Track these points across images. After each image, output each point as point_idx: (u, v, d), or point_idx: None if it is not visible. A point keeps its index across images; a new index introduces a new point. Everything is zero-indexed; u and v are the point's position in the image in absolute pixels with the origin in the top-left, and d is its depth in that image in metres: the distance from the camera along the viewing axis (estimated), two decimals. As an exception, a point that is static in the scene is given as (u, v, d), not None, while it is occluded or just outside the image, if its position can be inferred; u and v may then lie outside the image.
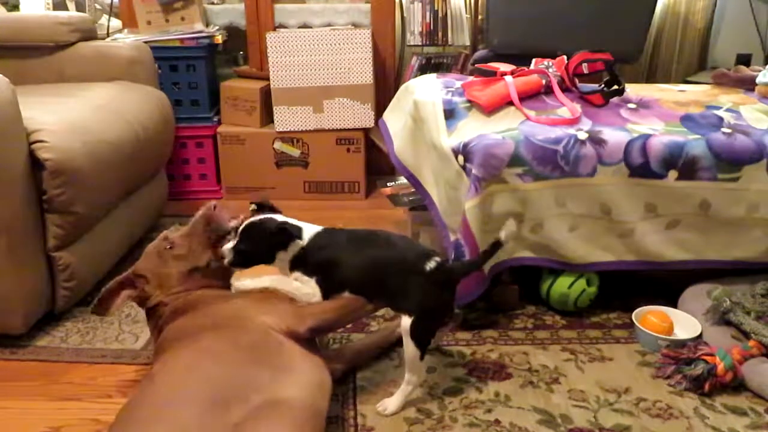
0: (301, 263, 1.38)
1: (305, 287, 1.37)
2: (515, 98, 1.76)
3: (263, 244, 1.37)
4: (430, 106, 1.82)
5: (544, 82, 1.84)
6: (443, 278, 1.33)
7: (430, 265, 1.31)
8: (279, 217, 1.41)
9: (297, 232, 1.38)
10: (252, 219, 1.40)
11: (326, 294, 1.37)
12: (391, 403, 1.36)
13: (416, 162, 1.90)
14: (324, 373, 1.26)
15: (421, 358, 1.33)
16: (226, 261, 1.37)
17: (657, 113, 1.78)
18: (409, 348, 1.31)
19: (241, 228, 1.38)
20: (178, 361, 1.17)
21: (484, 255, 1.42)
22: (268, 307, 1.32)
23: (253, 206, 1.45)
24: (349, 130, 2.63)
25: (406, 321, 1.30)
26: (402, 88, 2.10)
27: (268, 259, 1.39)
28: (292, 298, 1.37)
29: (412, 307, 1.30)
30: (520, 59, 2.06)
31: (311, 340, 1.34)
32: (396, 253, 1.36)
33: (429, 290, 1.31)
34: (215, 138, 2.67)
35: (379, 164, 2.77)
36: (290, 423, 1.08)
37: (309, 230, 1.40)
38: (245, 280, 1.38)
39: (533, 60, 1.97)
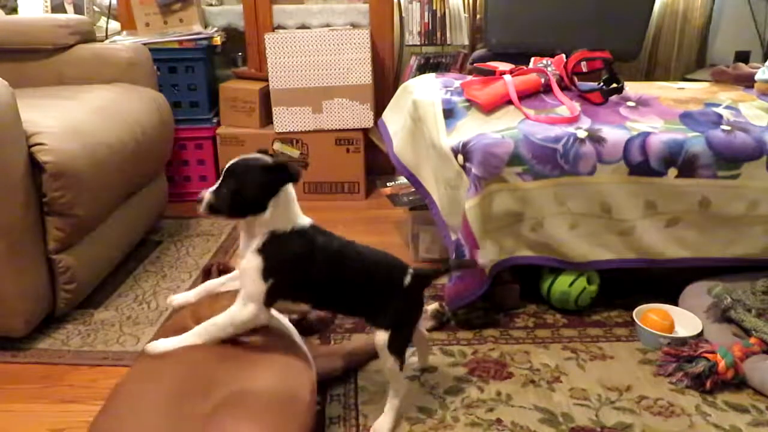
0: (272, 250, 1.18)
1: (238, 311, 1.19)
2: (514, 97, 1.76)
3: (255, 182, 1.16)
4: (430, 105, 1.82)
5: (542, 80, 1.85)
6: (418, 289, 1.30)
7: (407, 280, 1.27)
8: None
9: (297, 176, 1.18)
10: (244, 156, 1.19)
11: (278, 299, 1.22)
12: (383, 425, 1.30)
13: (416, 162, 1.90)
14: (300, 361, 1.25)
15: (401, 368, 1.29)
16: (202, 207, 1.16)
17: (656, 111, 1.78)
18: (389, 362, 1.27)
19: (228, 166, 1.17)
20: (141, 367, 1.18)
21: (450, 265, 1.50)
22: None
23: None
24: (348, 130, 2.63)
25: (382, 336, 1.25)
26: (401, 87, 2.10)
27: (256, 206, 1.16)
28: None
29: (390, 322, 1.26)
30: (519, 58, 2.07)
31: (288, 334, 1.33)
32: (375, 267, 1.28)
33: (406, 304, 1.29)
34: (215, 139, 2.67)
35: (378, 164, 2.77)
36: (256, 410, 1.08)
37: (300, 219, 1.23)
38: (162, 343, 1.20)
39: (532, 59, 1.97)
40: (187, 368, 1.15)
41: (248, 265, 1.19)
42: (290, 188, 1.21)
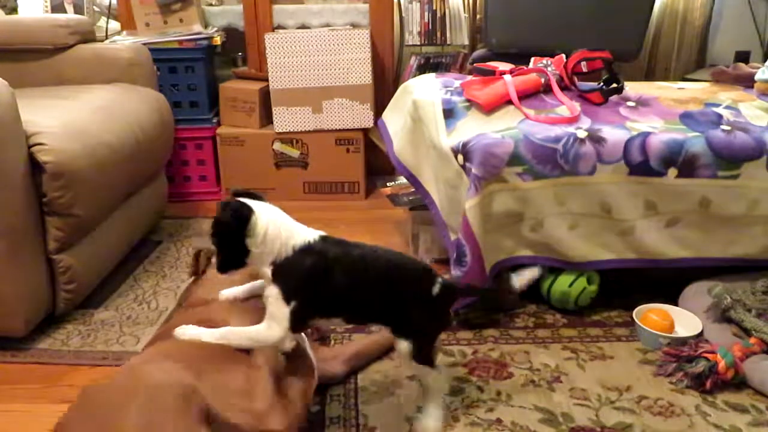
0: (284, 275, 1.16)
1: (263, 330, 1.18)
2: (514, 97, 1.76)
3: (222, 231, 1.14)
4: (430, 105, 1.82)
5: (543, 80, 1.84)
6: (448, 300, 1.29)
7: (436, 289, 1.23)
8: (265, 207, 1.17)
9: (247, 211, 1.12)
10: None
11: (307, 320, 1.22)
12: (430, 423, 1.30)
13: (416, 162, 1.90)
14: (299, 367, 1.25)
15: (434, 367, 1.27)
16: (217, 270, 1.20)
17: (656, 111, 1.78)
18: (420, 369, 1.26)
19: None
20: (131, 364, 1.19)
21: (488, 289, 1.55)
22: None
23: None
24: (348, 130, 2.63)
25: (406, 346, 1.23)
26: (401, 87, 2.10)
27: (242, 252, 1.14)
28: None
29: (415, 332, 1.23)
30: (519, 58, 2.07)
31: (300, 340, 1.33)
32: (401, 273, 1.24)
33: (434, 314, 1.26)
34: (215, 139, 2.67)
35: (378, 164, 2.77)
36: (228, 401, 1.08)
37: (302, 235, 1.18)
38: (190, 330, 1.21)
39: (532, 59, 1.97)
40: (178, 362, 1.14)
41: (269, 293, 1.17)
42: (263, 218, 1.14)
